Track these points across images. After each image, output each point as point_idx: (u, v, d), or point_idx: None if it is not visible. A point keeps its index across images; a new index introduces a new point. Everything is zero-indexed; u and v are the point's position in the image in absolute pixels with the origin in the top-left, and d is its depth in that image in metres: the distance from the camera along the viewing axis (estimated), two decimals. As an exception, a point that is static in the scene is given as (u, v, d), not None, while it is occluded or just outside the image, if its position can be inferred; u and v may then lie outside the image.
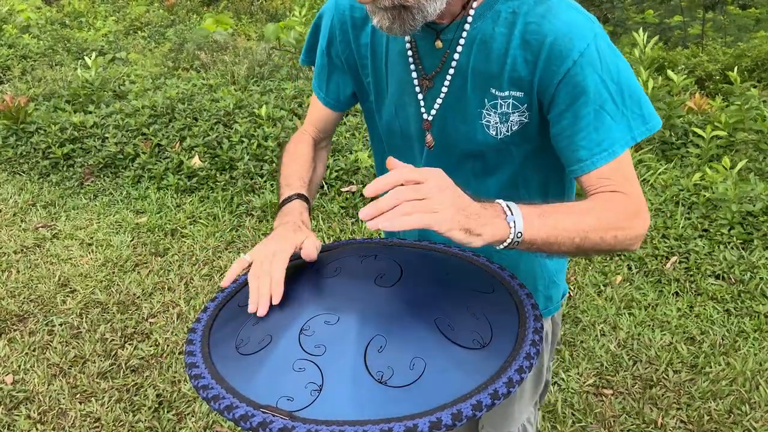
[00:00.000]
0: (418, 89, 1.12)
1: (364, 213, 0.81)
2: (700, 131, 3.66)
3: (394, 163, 0.90)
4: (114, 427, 2.23)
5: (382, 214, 0.81)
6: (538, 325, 0.91)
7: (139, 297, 2.95)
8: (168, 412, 2.29)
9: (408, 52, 1.11)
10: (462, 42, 1.05)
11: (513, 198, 1.13)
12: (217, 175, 3.95)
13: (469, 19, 1.05)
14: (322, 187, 3.76)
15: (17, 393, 2.39)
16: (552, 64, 0.99)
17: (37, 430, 2.24)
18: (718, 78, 5.93)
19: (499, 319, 0.92)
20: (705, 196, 3.24)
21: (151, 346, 2.62)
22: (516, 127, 1.08)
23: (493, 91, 1.06)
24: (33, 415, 2.29)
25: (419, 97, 1.13)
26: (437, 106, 1.12)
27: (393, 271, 0.97)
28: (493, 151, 1.12)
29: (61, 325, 2.78)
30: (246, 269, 1.04)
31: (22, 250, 3.40)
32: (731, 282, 2.84)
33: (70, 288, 3.04)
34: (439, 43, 1.07)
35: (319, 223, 3.49)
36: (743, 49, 6.65)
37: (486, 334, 0.88)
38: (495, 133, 1.09)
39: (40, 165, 4.28)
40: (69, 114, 4.65)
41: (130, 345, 2.64)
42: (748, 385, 2.29)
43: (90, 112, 4.63)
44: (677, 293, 2.83)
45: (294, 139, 1.32)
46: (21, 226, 3.66)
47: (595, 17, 1.05)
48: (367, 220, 0.81)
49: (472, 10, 1.04)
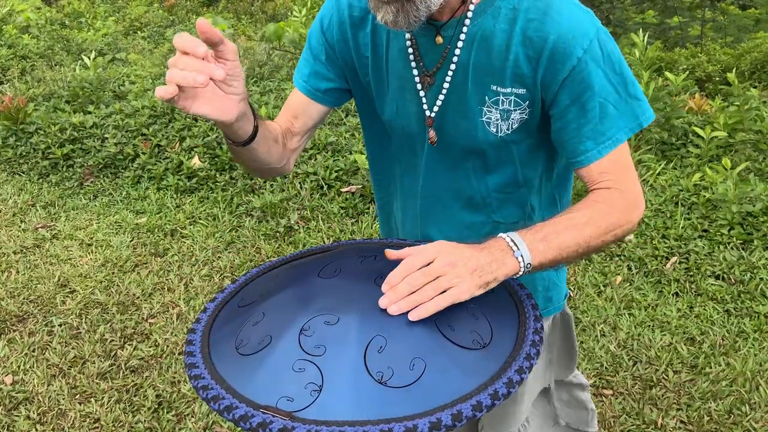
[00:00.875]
0: (419, 86, 1.12)
1: (384, 303, 0.86)
2: (699, 132, 3.66)
3: (393, 253, 0.93)
4: (113, 428, 2.23)
5: (402, 299, 0.86)
6: (538, 326, 0.91)
7: (138, 297, 2.95)
8: (168, 412, 2.29)
9: (409, 49, 1.11)
10: (462, 38, 1.06)
11: (514, 196, 1.17)
12: (217, 175, 3.95)
13: (469, 14, 1.05)
14: (322, 187, 3.76)
15: (17, 393, 2.39)
16: (556, 62, 1.00)
17: (36, 430, 2.24)
18: (718, 79, 5.93)
19: (499, 320, 0.92)
20: (705, 197, 3.24)
21: (150, 347, 2.62)
22: (516, 124, 1.08)
23: (495, 87, 1.06)
24: (32, 416, 2.29)
25: (421, 94, 1.13)
26: (439, 102, 1.12)
27: (393, 272, 0.97)
28: (493, 149, 1.12)
29: (60, 325, 2.77)
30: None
31: (22, 251, 3.40)
32: (731, 282, 2.84)
33: (70, 288, 3.04)
34: (439, 39, 1.07)
35: (319, 223, 3.49)
36: (743, 50, 6.65)
37: (486, 334, 0.88)
38: (496, 130, 1.09)
39: (40, 165, 4.28)
40: (69, 114, 4.65)
41: (129, 345, 2.64)
42: (748, 385, 2.29)
43: (90, 113, 4.63)
44: (677, 294, 2.83)
45: None
46: (20, 227, 3.66)
47: (592, 11, 1.06)
48: (387, 307, 0.86)
49: (473, 6, 1.05)
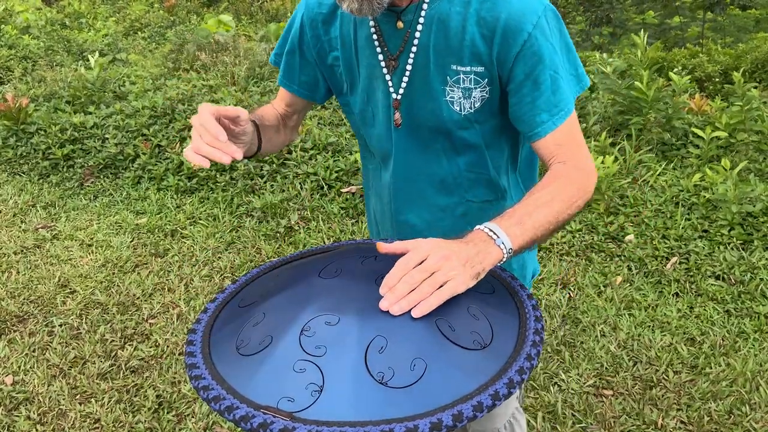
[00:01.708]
0: (385, 70, 1.19)
1: (384, 305, 0.86)
2: (700, 132, 3.66)
3: (384, 247, 0.95)
4: (114, 428, 2.23)
5: (402, 298, 0.87)
6: (538, 326, 0.91)
7: (139, 298, 2.95)
8: (168, 412, 2.29)
9: (373, 36, 1.18)
10: (422, 21, 1.13)
11: (484, 177, 1.26)
12: (217, 176, 3.95)
13: None
14: (322, 188, 3.76)
15: (17, 394, 2.39)
16: (509, 38, 1.07)
17: (37, 430, 2.24)
18: (718, 79, 5.93)
19: (499, 320, 0.92)
20: (705, 197, 3.24)
21: (151, 347, 2.62)
22: (479, 103, 1.15)
23: (455, 67, 1.13)
24: (33, 416, 2.29)
25: (387, 78, 1.19)
26: (404, 84, 1.18)
27: (393, 272, 0.97)
28: (459, 129, 1.19)
29: (61, 325, 2.78)
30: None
31: (22, 251, 3.40)
32: (731, 283, 2.84)
33: (70, 289, 3.04)
34: (400, 24, 1.14)
35: (319, 223, 3.49)
36: (743, 50, 6.65)
37: (486, 334, 0.88)
38: (459, 108, 1.16)
39: (40, 166, 4.28)
40: (69, 115, 4.65)
41: (130, 346, 2.64)
42: (749, 385, 2.29)
43: (90, 113, 4.64)
44: (677, 294, 2.83)
45: (264, 105, 1.40)
46: (21, 227, 3.66)
47: None
48: (389, 308, 0.86)
49: None
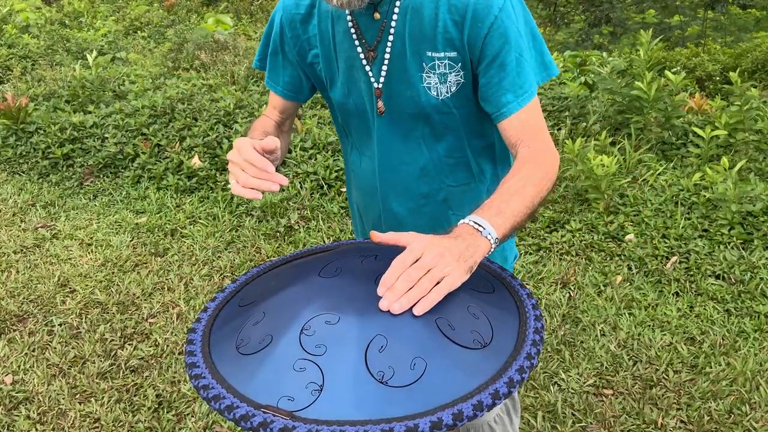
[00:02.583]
0: (364, 61, 1.24)
1: (384, 305, 0.87)
2: (699, 131, 3.66)
3: (378, 236, 0.98)
4: (114, 428, 2.23)
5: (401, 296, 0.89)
6: (538, 325, 0.91)
7: (138, 297, 2.95)
8: (168, 412, 2.29)
9: (351, 29, 1.23)
10: (396, 11, 1.19)
11: (463, 162, 1.31)
12: (217, 175, 3.95)
13: None
14: (322, 187, 3.76)
15: (17, 393, 2.39)
16: (477, 21, 1.14)
17: (36, 430, 2.24)
18: (718, 78, 5.93)
19: (499, 319, 0.92)
20: (705, 196, 3.24)
21: (150, 347, 2.62)
22: (454, 88, 1.21)
23: (430, 53, 1.19)
24: (32, 416, 2.29)
25: (367, 68, 1.24)
26: (384, 73, 1.23)
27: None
28: (437, 114, 1.24)
29: (60, 325, 2.77)
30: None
31: (22, 250, 3.40)
32: (731, 282, 2.84)
33: (70, 288, 3.04)
34: (377, 15, 1.19)
35: (319, 223, 3.49)
36: (743, 49, 6.65)
37: (487, 334, 0.88)
38: (436, 94, 1.22)
39: (40, 165, 4.28)
40: (69, 114, 4.65)
41: (129, 345, 2.64)
42: (749, 385, 2.29)
43: (90, 112, 4.63)
44: (677, 293, 2.83)
45: (255, 120, 1.43)
46: (20, 226, 3.66)
47: None
48: (389, 308, 0.87)
49: None
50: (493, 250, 0.99)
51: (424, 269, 0.90)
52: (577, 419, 2.20)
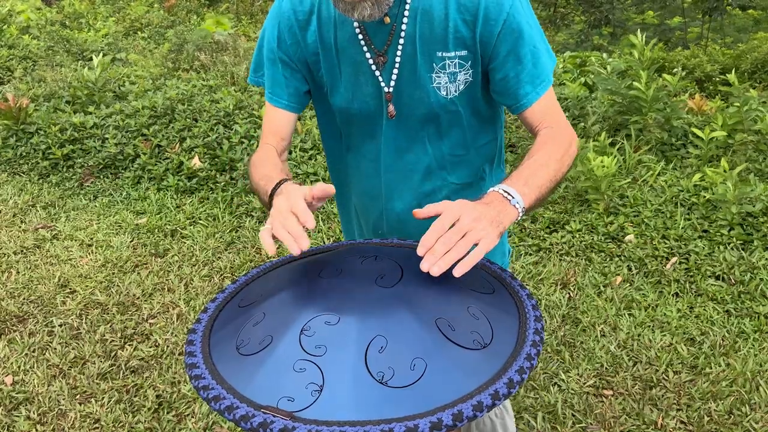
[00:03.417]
0: (374, 67, 1.23)
1: (425, 267, 0.91)
2: (699, 132, 3.66)
3: (421, 212, 1.00)
4: (114, 428, 2.23)
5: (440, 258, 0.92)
6: (538, 326, 0.92)
7: (138, 298, 2.95)
8: (168, 413, 2.29)
9: (359, 35, 1.22)
10: (406, 14, 1.19)
11: (466, 159, 1.34)
12: (217, 175, 3.95)
13: None
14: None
15: (17, 394, 2.39)
16: (490, 19, 1.16)
17: (36, 430, 2.24)
18: (718, 79, 5.93)
19: (499, 320, 0.92)
20: (705, 197, 3.24)
21: (150, 347, 2.62)
22: (462, 86, 1.23)
23: (440, 53, 1.20)
24: (33, 416, 2.29)
25: (377, 73, 1.24)
26: (394, 77, 1.24)
27: (393, 272, 0.97)
28: (446, 113, 1.26)
29: (60, 325, 2.78)
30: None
31: (22, 251, 3.40)
32: (731, 283, 2.84)
33: (70, 289, 3.04)
34: (387, 19, 1.19)
35: (319, 223, 3.49)
36: (743, 50, 6.65)
37: (486, 334, 0.89)
38: (445, 93, 1.24)
39: (40, 166, 4.28)
40: (69, 115, 4.65)
41: (129, 346, 2.64)
42: (749, 386, 2.29)
43: (90, 113, 4.64)
44: (677, 294, 2.83)
45: (258, 152, 1.32)
46: (21, 227, 3.66)
47: None
48: (429, 269, 0.91)
49: None
50: (520, 218, 1.04)
51: (461, 233, 0.94)
52: (577, 420, 2.20)
